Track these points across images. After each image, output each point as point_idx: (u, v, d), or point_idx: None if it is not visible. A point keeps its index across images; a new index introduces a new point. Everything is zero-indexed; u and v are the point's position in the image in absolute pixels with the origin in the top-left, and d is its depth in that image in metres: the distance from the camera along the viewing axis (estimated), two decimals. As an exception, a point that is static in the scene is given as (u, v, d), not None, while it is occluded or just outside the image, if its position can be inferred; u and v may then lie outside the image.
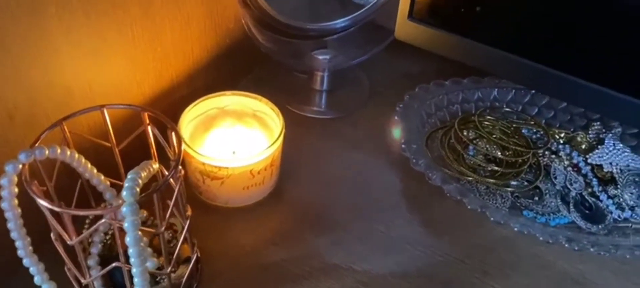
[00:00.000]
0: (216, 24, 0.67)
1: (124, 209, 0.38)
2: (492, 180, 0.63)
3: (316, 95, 0.77)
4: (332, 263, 0.57)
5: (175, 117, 0.58)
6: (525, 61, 0.57)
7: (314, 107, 0.76)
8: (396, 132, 0.57)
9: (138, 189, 0.39)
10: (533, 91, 0.72)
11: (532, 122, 0.70)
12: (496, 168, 0.64)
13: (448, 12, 0.60)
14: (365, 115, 0.75)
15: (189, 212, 0.49)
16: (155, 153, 0.50)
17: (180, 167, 0.45)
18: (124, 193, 0.39)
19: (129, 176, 0.40)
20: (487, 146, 0.66)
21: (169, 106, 0.64)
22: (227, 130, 0.62)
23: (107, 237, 0.53)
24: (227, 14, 0.68)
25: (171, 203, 0.43)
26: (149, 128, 0.48)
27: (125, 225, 0.39)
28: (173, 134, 0.45)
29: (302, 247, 0.58)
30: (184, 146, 0.56)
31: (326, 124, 0.74)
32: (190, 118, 0.60)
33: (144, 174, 0.42)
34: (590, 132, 0.68)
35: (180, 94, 0.66)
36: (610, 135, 0.67)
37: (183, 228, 0.48)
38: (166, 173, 0.47)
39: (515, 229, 0.56)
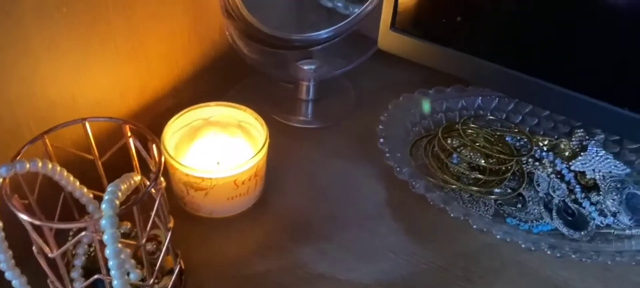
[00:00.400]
0: (201, 36, 0.67)
1: (103, 222, 0.39)
2: (475, 188, 0.63)
3: (302, 105, 0.78)
4: (316, 273, 0.57)
5: (160, 128, 0.59)
6: (506, 70, 0.58)
7: (300, 116, 0.76)
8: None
9: (117, 202, 0.40)
10: (516, 99, 0.72)
11: (516, 130, 0.70)
12: (480, 176, 0.64)
13: (429, 22, 0.61)
14: (350, 124, 0.75)
15: (171, 224, 0.49)
16: (138, 166, 0.50)
17: (161, 179, 0.45)
18: (103, 206, 0.39)
19: (108, 189, 0.40)
20: (471, 154, 0.66)
21: (154, 118, 0.64)
22: (212, 141, 0.63)
23: (91, 249, 0.53)
24: (212, 26, 0.69)
25: (152, 215, 0.43)
26: (131, 140, 0.48)
27: (105, 237, 0.39)
28: (154, 146, 0.45)
29: (287, 257, 0.58)
30: (167, 157, 0.56)
31: (312, 133, 0.74)
32: (174, 129, 0.60)
33: (124, 187, 0.42)
34: (573, 139, 0.69)
35: (166, 105, 0.66)
36: (593, 142, 0.68)
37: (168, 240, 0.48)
38: (149, 185, 0.47)
39: (498, 236, 0.57)
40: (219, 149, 0.62)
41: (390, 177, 0.64)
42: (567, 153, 0.68)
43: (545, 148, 0.69)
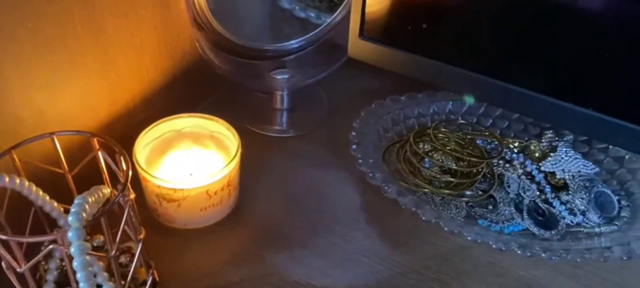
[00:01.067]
0: (171, 48, 0.68)
1: (69, 234, 0.39)
2: (447, 191, 0.64)
3: (277, 115, 0.78)
4: (291, 280, 0.57)
5: (133, 141, 0.59)
6: (472, 74, 0.59)
7: (274, 126, 0.77)
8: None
9: (84, 214, 0.40)
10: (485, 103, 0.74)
11: (487, 133, 0.71)
12: (451, 179, 0.65)
13: (396, 30, 0.61)
14: (324, 132, 0.76)
15: (142, 235, 0.49)
16: (107, 178, 0.50)
17: (130, 190, 0.45)
18: (69, 218, 0.39)
19: (75, 201, 0.40)
20: (442, 158, 0.67)
21: (127, 130, 0.64)
22: (185, 153, 0.63)
23: (64, 263, 0.53)
24: (183, 38, 0.69)
25: (120, 227, 0.44)
26: (100, 153, 0.48)
27: (72, 250, 0.39)
28: (122, 157, 0.45)
29: (261, 266, 0.58)
30: (138, 169, 0.57)
31: (287, 142, 0.75)
32: (146, 141, 0.60)
33: (91, 199, 0.42)
34: (543, 140, 0.70)
35: (138, 118, 0.66)
36: (563, 143, 0.69)
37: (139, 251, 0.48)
38: (116, 196, 0.47)
39: (469, 238, 0.58)
40: (192, 161, 0.63)
41: (364, 182, 0.64)
42: (537, 155, 0.69)
43: (515, 150, 0.70)
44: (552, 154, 0.68)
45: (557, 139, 0.70)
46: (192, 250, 0.60)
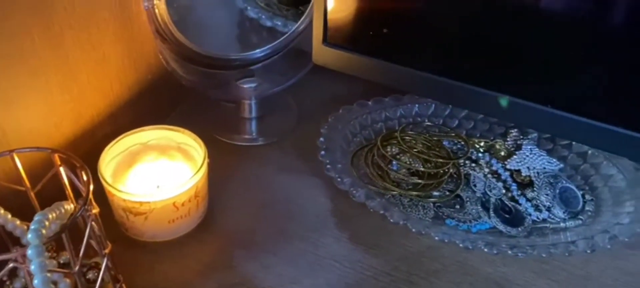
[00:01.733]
0: (135, 61, 0.67)
1: (29, 252, 0.38)
2: (414, 193, 0.65)
3: (246, 123, 0.78)
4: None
5: (99, 155, 0.59)
6: (433, 77, 0.60)
7: (244, 135, 0.77)
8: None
9: (44, 231, 0.39)
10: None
11: (453, 134, 0.72)
12: (418, 180, 0.66)
13: (359, 36, 0.62)
14: (294, 139, 0.76)
15: (108, 249, 0.49)
16: (71, 194, 0.49)
17: (93, 204, 0.45)
18: (29, 235, 0.39)
19: (35, 218, 0.40)
20: (410, 160, 0.68)
21: (93, 145, 0.64)
22: (151, 165, 0.63)
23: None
24: (147, 50, 0.69)
25: (83, 242, 0.43)
26: (61, 169, 0.48)
27: (32, 267, 0.39)
28: (83, 172, 0.45)
29: (232, 275, 0.58)
30: (103, 184, 0.56)
31: (256, 150, 0.75)
32: (111, 155, 0.60)
33: (52, 215, 0.42)
34: (508, 139, 0.71)
35: (104, 132, 0.66)
36: (527, 140, 0.70)
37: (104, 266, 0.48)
38: (77, 211, 0.47)
39: (437, 238, 0.58)
40: (159, 173, 0.62)
41: (333, 188, 0.65)
42: (502, 153, 0.70)
43: (481, 150, 0.71)
44: (517, 152, 0.69)
45: (521, 137, 0.71)
46: (162, 262, 0.59)
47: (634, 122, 0.54)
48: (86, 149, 0.63)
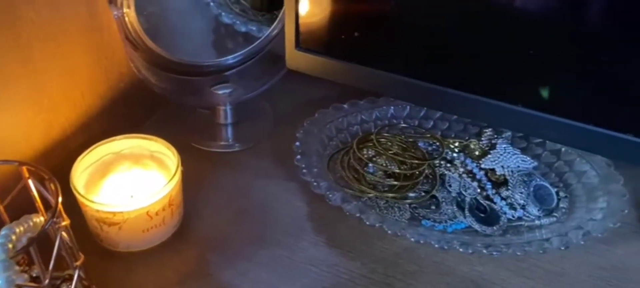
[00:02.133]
0: (106, 70, 0.67)
1: (-5, 267, 0.38)
2: (391, 195, 0.65)
3: (222, 130, 0.78)
4: (238, 295, 0.57)
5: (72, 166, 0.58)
6: (406, 79, 0.60)
7: (220, 141, 0.77)
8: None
9: (10, 245, 0.39)
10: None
11: (428, 135, 0.73)
12: (394, 182, 0.66)
13: (331, 40, 0.62)
14: (270, 144, 0.76)
15: (79, 262, 0.48)
16: (41, 206, 0.49)
17: (62, 216, 0.45)
18: (-5, 250, 0.38)
19: (1, 232, 0.40)
20: (386, 162, 0.68)
21: (66, 156, 0.63)
22: (125, 175, 0.62)
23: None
24: (118, 58, 0.68)
25: (53, 255, 0.43)
26: (30, 181, 0.47)
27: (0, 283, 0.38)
28: (51, 184, 0.45)
29: (208, 284, 0.58)
30: (75, 195, 0.56)
31: (233, 157, 0.75)
32: (84, 166, 0.59)
33: (19, 229, 0.41)
34: (482, 138, 0.72)
35: (77, 142, 0.65)
36: (502, 139, 0.71)
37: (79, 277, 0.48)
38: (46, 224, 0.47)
39: (413, 239, 0.59)
40: (132, 182, 0.62)
41: (310, 192, 0.65)
42: (477, 153, 0.70)
43: (456, 150, 0.71)
44: (491, 152, 0.70)
45: (496, 136, 0.72)
46: (137, 273, 0.59)
47: (604, 119, 0.55)
48: (59, 160, 0.63)
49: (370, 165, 0.68)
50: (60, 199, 0.43)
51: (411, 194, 0.65)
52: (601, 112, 0.55)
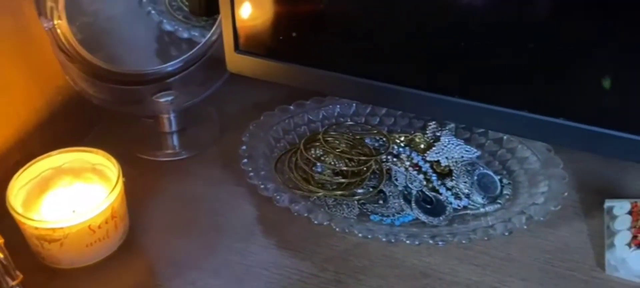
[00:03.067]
0: (42, 83, 0.65)
1: None
2: (339, 192, 0.65)
3: (167, 138, 0.77)
4: (188, 305, 0.57)
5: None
6: (346, 77, 0.61)
7: (166, 150, 0.76)
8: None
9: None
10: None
11: (375, 131, 0.74)
12: (342, 180, 0.66)
13: (269, 41, 0.62)
14: (217, 149, 0.76)
15: (17, 281, 0.47)
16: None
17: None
18: None
19: None
20: (333, 161, 0.68)
21: (4, 174, 0.61)
22: (66, 190, 0.61)
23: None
24: (54, 71, 0.66)
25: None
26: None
27: None
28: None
29: (157, 294, 0.57)
30: (12, 213, 0.54)
31: (179, 165, 0.74)
32: (21, 183, 0.58)
33: (-53, 252, 0.40)
34: (427, 132, 0.73)
35: (14, 159, 0.63)
36: (446, 131, 0.72)
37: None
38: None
39: (360, 235, 0.59)
40: (75, 197, 0.60)
41: (258, 195, 0.64)
42: (422, 146, 0.71)
43: (402, 144, 0.72)
44: (436, 144, 0.71)
45: (440, 128, 0.73)
46: (83, 289, 0.58)
47: (540, 106, 0.56)
48: (-5, 179, 0.61)
49: (318, 164, 0.68)
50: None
51: (359, 190, 0.66)
52: (536, 99, 0.57)
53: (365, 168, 0.67)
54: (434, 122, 0.73)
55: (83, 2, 0.69)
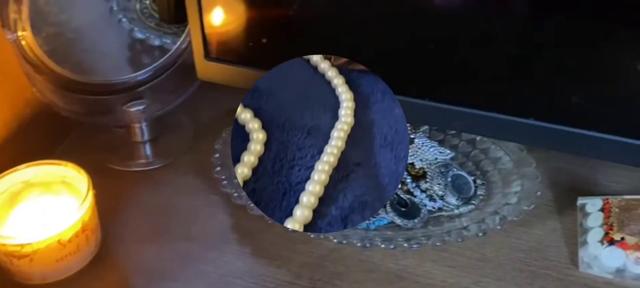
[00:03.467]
0: (9, 97, 0.64)
1: None
2: (314, 198, 0.65)
3: (139, 148, 0.76)
4: (163, 317, 0.56)
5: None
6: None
7: (139, 160, 0.75)
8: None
9: None
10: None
11: (348, 135, 0.73)
12: (317, 185, 0.66)
13: (239, 48, 0.62)
14: (190, 158, 0.75)
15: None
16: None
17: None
18: None
19: None
20: (307, 166, 0.68)
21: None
22: (35, 204, 0.59)
23: None
24: (21, 84, 0.65)
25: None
26: None
27: None
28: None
29: (130, 307, 0.57)
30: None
31: (152, 174, 0.73)
32: (-11, 199, 0.57)
33: None
34: (401, 134, 0.73)
35: (-19, 175, 0.62)
36: (420, 133, 0.72)
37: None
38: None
39: (335, 241, 0.59)
40: (44, 211, 0.59)
41: (233, 204, 0.64)
42: (396, 149, 0.71)
43: (376, 148, 0.72)
44: (410, 146, 0.71)
45: (414, 131, 0.73)
46: (55, 304, 0.57)
47: (510, 107, 0.57)
48: (-38, 195, 0.59)
49: (293, 170, 0.68)
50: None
51: (334, 195, 0.66)
52: (505, 100, 0.57)
53: (340, 173, 0.67)
54: (408, 125, 0.73)
55: (49, 13, 0.68)
